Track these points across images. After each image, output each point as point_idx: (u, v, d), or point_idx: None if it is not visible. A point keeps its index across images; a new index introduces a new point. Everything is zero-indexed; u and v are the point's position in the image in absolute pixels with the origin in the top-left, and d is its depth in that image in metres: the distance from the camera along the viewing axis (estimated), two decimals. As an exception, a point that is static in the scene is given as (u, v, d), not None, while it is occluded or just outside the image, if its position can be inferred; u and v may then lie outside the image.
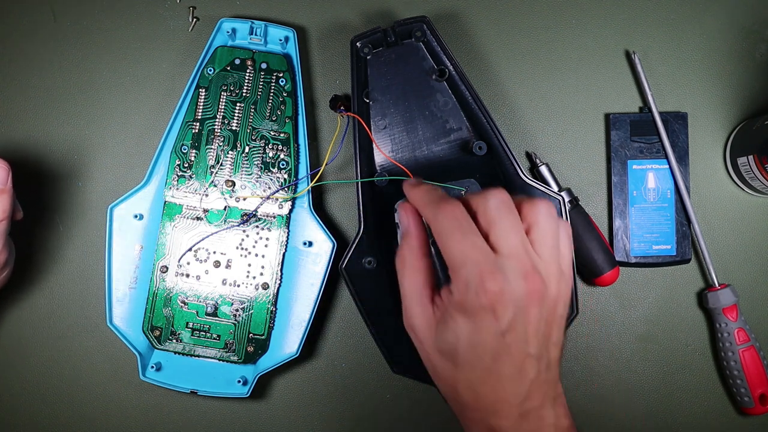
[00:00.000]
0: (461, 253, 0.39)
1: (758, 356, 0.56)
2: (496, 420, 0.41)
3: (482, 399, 0.41)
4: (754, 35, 0.60)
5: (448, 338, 0.40)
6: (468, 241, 0.39)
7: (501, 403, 0.40)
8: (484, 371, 0.40)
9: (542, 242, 0.41)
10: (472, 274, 0.39)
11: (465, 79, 0.54)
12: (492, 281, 0.38)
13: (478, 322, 0.39)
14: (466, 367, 0.40)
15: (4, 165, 0.48)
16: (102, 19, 0.59)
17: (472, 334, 0.39)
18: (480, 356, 0.40)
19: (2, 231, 0.49)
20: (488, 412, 0.41)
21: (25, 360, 0.59)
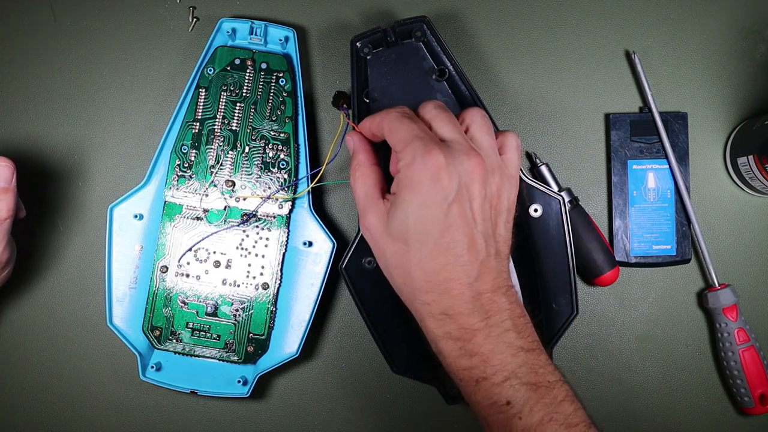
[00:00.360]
0: (407, 133, 0.43)
1: (758, 356, 0.56)
2: (449, 300, 0.42)
3: (433, 277, 0.42)
4: (754, 35, 0.60)
5: (398, 218, 0.42)
6: (414, 125, 0.43)
7: (452, 282, 0.42)
8: (435, 244, 0.42)
9: (480, 137, 0.45)
10: (417, 147, 0.42)
11: (465, 79, 0.54)
12: (437, 152, 0.41)
13: (424, 193, 0.41)
14: (416, 243, 0.42)
15: (8, 164, 0.49)
16: (102, 19, 0.59)
17: (420, 206, 0.42)
18: (428, 228, 0.42)
19: (6, 229, 0.50)
20: (440, 292, 0.42)
21: (25, 360, 0.59)
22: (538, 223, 0.53)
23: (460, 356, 0.43)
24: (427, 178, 0.41)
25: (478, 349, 0.42)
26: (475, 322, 0.42)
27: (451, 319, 0.42)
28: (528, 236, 0.53)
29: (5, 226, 0.49)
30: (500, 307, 0.43)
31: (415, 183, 0.41)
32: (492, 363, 0.42)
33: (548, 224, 0.53)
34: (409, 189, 0.42)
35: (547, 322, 0.53)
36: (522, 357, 0.42)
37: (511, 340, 0.43)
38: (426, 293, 0.43)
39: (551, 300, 0.53)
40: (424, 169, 0.41)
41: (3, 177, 0.48)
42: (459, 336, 0.42)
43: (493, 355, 0.42)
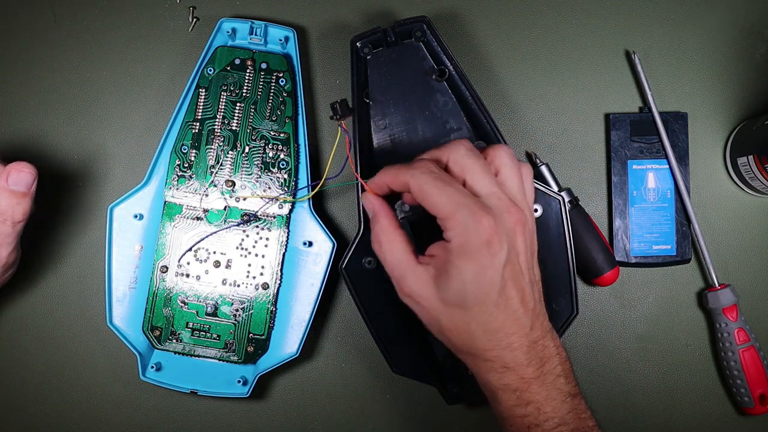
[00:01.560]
0: (449, 200, 0.42)
1: (758, 356, 0.56)
2: (510, 354, 0.43)
3: (495, 335, 0.43)
4: (754, 35, 0.60)
5: (453, 286, 0.42)
6: (451, 188, 0.42)
7: (512, 336, 0.43)
8: (494, 306, 0.42)
9: (510, 182, 0.45)
10: (465, 216, 0.41)
11: (465, 79, 0.54)
12: (486, 217, 0.41)
13: (480, 259, 0.41)
14: (476, 307, 0.42)
15: (32, 170, 0.49)
16: (102, 19, 0.59)
17: (477, 273, 0.42)
18: (487, 293, 0.42)
19: (18, 232, 0.51)
20: (502, 347, 0.43)
21: (25, 360, 0.59)
22: (538, 223, 0.53)
23: (516, 405, 0.44)
24: (481, 245, 0.41)
25: (534, 398, 0.43)
26: (532, 372, 0.43)
27: (511, 371, 0.43)
28: (528, 236, 0.53)
29: (18, 228, 0.50)
30: (551, 352, 0.44)
31: (469, 252, 0.41)
32: (545, 410, 0.44)
33: (548, 224, 0.53)
34: (464, 258, 0.42)
35: (547, 322, 0.53)
36: (569, 403, 0.44)
37: (561, 386, 0.44)
38: (489, 351, 0.43)
39: (551, 300, 0.53)
40: (477, 237, 0.41)
41: (24, 182, 0.49)
42: (517, 387, 0.44)
43: (547, 403, 0.44)
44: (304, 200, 0.55)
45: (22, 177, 0.49)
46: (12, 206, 0.49)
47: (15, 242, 0.51)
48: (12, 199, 0.49)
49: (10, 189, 0.49)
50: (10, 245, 0.51)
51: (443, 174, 0.43)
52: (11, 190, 0.49)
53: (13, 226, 0.50)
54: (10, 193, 0.49)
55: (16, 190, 0.49)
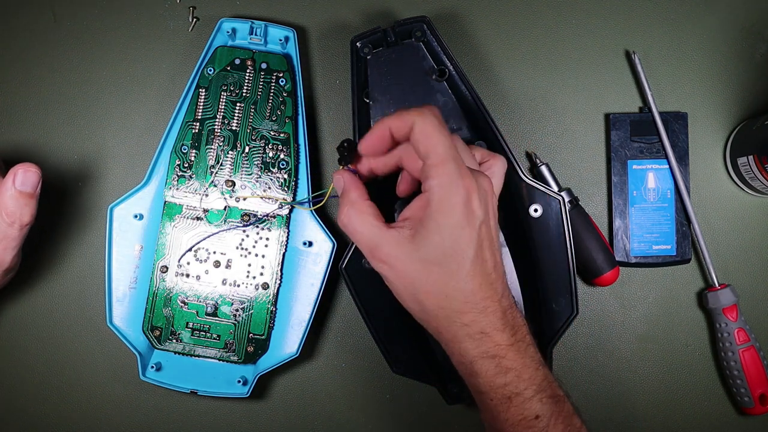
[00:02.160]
0: (447, 148, 0.42)
1: (758, 356, 0.56)
2: (485, 318, 0.43)
3: (472, 297, 0.43)
4: (754, 35, 0.60)
5: (432, 241, 0.42)
6: (451, 142, 0.43)
7: (487, 300, 0.43)
8: (471, 264, 0.42)
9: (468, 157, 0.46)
10: (453, 170, 0.42)
11: (465, 79, 0.54)
12: (469, 176, 0.42)
13: (459, 215, 0.42)
14: (454, 263, 0.42)
15: (37, 170, 0.49)
16: (102, 19, 0.59)
17: (456, 228, 0.42)
18: (465, 249, 0.42)
19: (24, 234, 0.50)
20: (479, 311, 0.43)
21: (25, 360, 0.59)
22: (538, 223, 0.53)
23: (496, 374, 0.43)
24: (461, 201, 0.42)
25: (512, 365, 0.43)
26: (507, 338, 0.43)
27: (488, 337, 0.43)
28: (528, 236, 0.53)
29: (25, 231, 0.50)
30: (519, 321, 0.44)
31: (449, 206, 0.42)
32: (523, 378, 0.43)
33: (548, 224, 0.53)
34: (443, 212, 0.42)
35: (547, 322, 0.53)
36: (542, 371, 0.44)
37: (532, 354, 0.44)
38: (465, 314, 0.43)
39: (551, 300, 0.53)
40: (458, 193, 0.42)
41: (30, 183, 0.49)
42: (495, 353, 0.43)
43: (524, 370, 0.43)
44: (311, 208, 0.55)
45: (29, 177, 0.49)
46: (20, 208, 0.49)
47: (20, 246, 0.51)
48: (20, 201, 0.49)
49: (18, 190, 0.48)
50: (15, 249, 0.50)
51: (444, 124, 0.44)
52: (19, 191, 0.48)
53: (21, 229, 0.50)
54: (18, 194, 0.48)
55: (23, 191, 0.49)
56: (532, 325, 0.46)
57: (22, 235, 0.50)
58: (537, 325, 0.53)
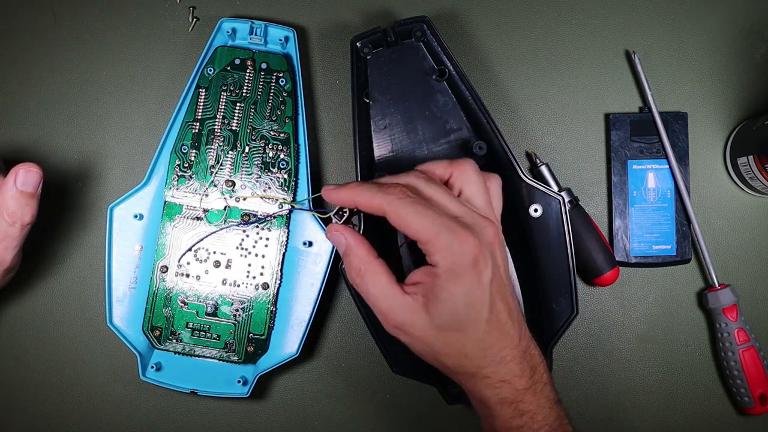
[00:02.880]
0: (431, 223, 0.42)
1: (758, 356, 0.56)
2: (506, 367, 0.43)
3: (489, 353, 0.43)
4: (754, 35, 0.60)
5: (446, 310, 0.42)
6: (431, 212, 0.42)
7: (505, 350, 0.43)
8: (486, 323, 0.42)
9: (475, 198, 0.45)
10: (449, 237, 0.41)
11: (465, 79, 0.54)
12: (469, 236, 0.41)
13: (469, 280, 0.42)
14: (470, 327, 0.42)
15: (38, 170, 0.49)
16: (102, 19, 0.59)
17: (467, 293, 0.42)
18: (479, 311, 0.42)
19: (25, 234, 0.50)
20: (497, 362, 0.43)
21: (26, 360, 0.59)
22: (538, 223, 0.53)
23: (513, 417, 0.44)
24: (468, 265, 0.41)
25: (528, 407, 0.44)
26: (525, 382, 0.44)
27: (507, 384, 0.44)
28: (528, 236, 0.53)
29: (26, 231, 0.50)
30: (537, 360, 0.45)
31: (458, 273, 0.41)
32: (537, 419, 0.44)
33: (548, 224, 0.53)
34: (453, 280, 0.42)
35: (547, 322, 0.53)
36: (555, 410, 0.45)
37: (548, 394, 0.45)
38: (485, 368, 0.43)
39: (551, 300, 0.53)
40: (463, 258, 0.41)
41: (31, 183, 0.49)
42: (513, 399, 0.44)
43: (539, 411, 0.44)
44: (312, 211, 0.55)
45: (30, 177, 0.49)
46: (21, 207, 0.49)
47: (20, 245, 0.51)
48: (21, 201, 0.48)
49: (20, 190, 0.48)
50: (15, 248, 0.50)
51: (418, 198, 0.43)
52: (21, 191, 0.48)
53: (22, 229, 0.49)
54: (20, 194, 0.48)
55: (25, 191, 0.48)
56: (532, 327, 0.47)
57: (23, 234, 0.50)
58: (537, 325, 0.53)
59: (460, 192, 0.46)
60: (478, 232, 0.42)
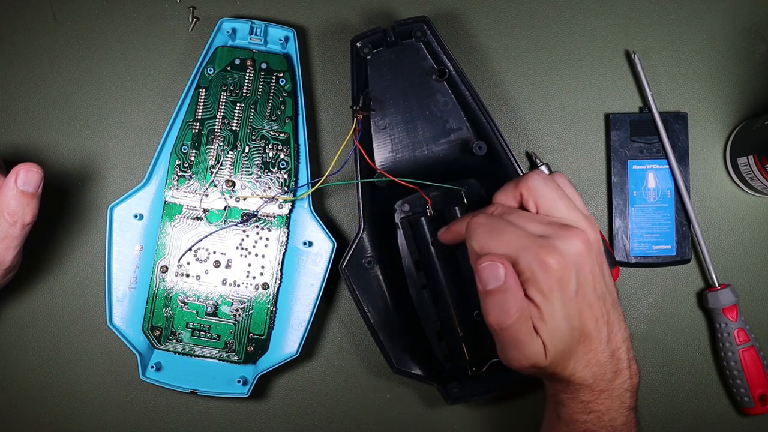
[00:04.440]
0: (508, 247, 0.41)
1: (758, 356, 0.56)
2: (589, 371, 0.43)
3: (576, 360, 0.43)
4: (754, 35, 0.60)
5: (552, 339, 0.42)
6: (507, 234, 0.42)
7: (590, 353, 0.43)
8: (576, 333, 0.42)
9: (555, 207, 0.44)
10: (529, 259, 0.41)
11: (465, 79, 0.54)
12: (549, 256, 0.40)
13: (557, 298, 0.41)
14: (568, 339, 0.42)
15: (39, 170, 0.49)
16: (102, 19, 0.59)
17: (560, 311, 0.41)
18: (572, 323, 0.42)
19: (25, 234, 0.50)
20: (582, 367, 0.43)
21: (25, 360, 0.59)
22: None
23: (580, 412, 0.44)
24: (553, 286, 0.41)
25: (598, 408, 0.44)
26: (603, 385, 0.44)
27: (586, 387, 0.44)
28: (528, 236, 0.53)
29: (26, 231, 0.50)
30: (623, 365, 0.45)
31: (545, 294, 0.41)
32: (603, 419, 0.44)
33: (548, 224, 0.53)
34: (546, 305, 0.41)
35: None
36: (626, 416, 0.45)
37: (625, 399, 0.45)
38: (572, 375, 0.43)
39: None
40: (547, 280, 0.41)
41: (32, 183, 0.49)
42: (587, 398, 0.44)
43: (607, 413, 0.44)
44: (303, 197, 0.55)
45: (30, 177, 0.48)
46: (22, 207, 0.49)
47: (21, 245, 0.51)
48: (22, 200, 0.48)
49: (21, 190, 0.48)
50: (16, 248, 0.50)
51: (494, 220, 0.43)
52: (21, 191, 0.48)
53: (22, 229, 0.49)
54: (21, 194, 0.48)
55: (25, 191, 0.48)
56: None
57: (24, 234, 0.50)
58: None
59: (537, 208, 0.44)
60: (559, 246, 0.41)
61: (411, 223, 0.55)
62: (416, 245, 0.55)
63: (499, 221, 0.43)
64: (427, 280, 0.55)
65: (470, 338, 0.55)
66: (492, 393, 0.54)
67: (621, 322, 0.45)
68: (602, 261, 0.44)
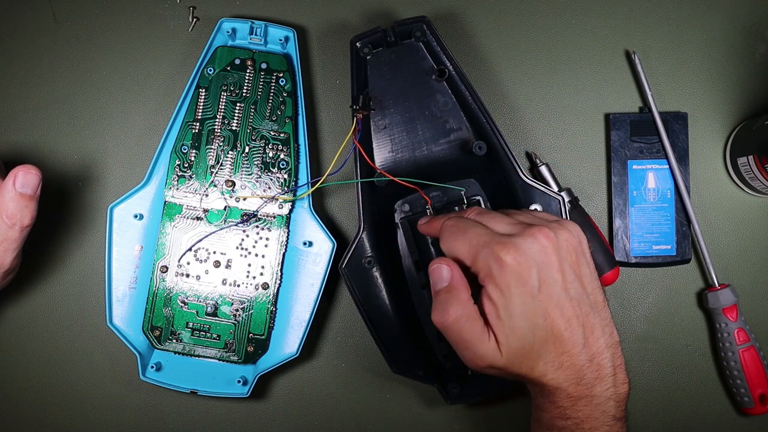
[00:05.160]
0: (468, 245, 0.42)
1: (758, 356, 0.56)
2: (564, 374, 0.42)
3: (547, 361, 0.42)
4: (754, 35, 0.60)
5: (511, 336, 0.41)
6: (470, 233, 0.42)
7: (563, 356, 0.42)
8: (542, 331, 0.42)
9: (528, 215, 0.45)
10: (486, 256, 0.41)
11: (465, 79, 0.54)
12: (505, 251, 0.41)
13: (516, 295, 0.41)
14: (529, 338, 0.42)
15: (37, 172, 0.49)
16: (102, 19, 0.59)
17: (519, 307, 0.41)
18: (534, 321, 0.41)
19: (24, 237, 0.50)
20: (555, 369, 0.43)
21: (25, 360, 0.59)
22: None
23: (558, 417, 0.44)
24: (510, 281, 0.41)
25: (576, 415, 0.43)
26: (582, 390, 0.43)
27: (561, 390, 0.43)
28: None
29: (25, 233, 0.50)
30: (605, 372, 0.43)
31: (503, 290, 0.41)
32: (583, 428, 0.43)
33: (548, 224, 0.53)
34: (505, 302, 0.41)
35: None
36: (610, 426, 0.44)
37: (607, 408, 0.44)
38: (543, 376, 0.43)
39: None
40: (504, 275, 0.41)
41: (30, 185, 0.48)
42: (563, 404, 0.43)
43: (587, 421, 0.43)
44: (303, 197, 0.55)
45: (29, 179, 0.48)
46: (21, 210, 0.48)
47: (20, 247, 0.51)
48: (20, 203, 0.48)
49: (19, 192, 0.48)
50: (15, 251, 0.50)
51: (463, 221, 0.43)
52: (20, 193, 0.48)
53: (21, 231, 0.49)
54: (19, 196, 0.48)
55: (24, 193, 0.48)
56: None
57: (22, 236, 0.50)
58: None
59: None
60: (519, 243, 0.41)
61: (411, 223, 0.55)
62: (416, 245, 0.55)
63: (467, 222, 0.43)
64: (427, 280, 0.55)
65: (470, 338, 0.55)
66: (492, 393, 0.54)
67: (605, 327, 0.44)
68: (580, 263, 0.44)
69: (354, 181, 0.54)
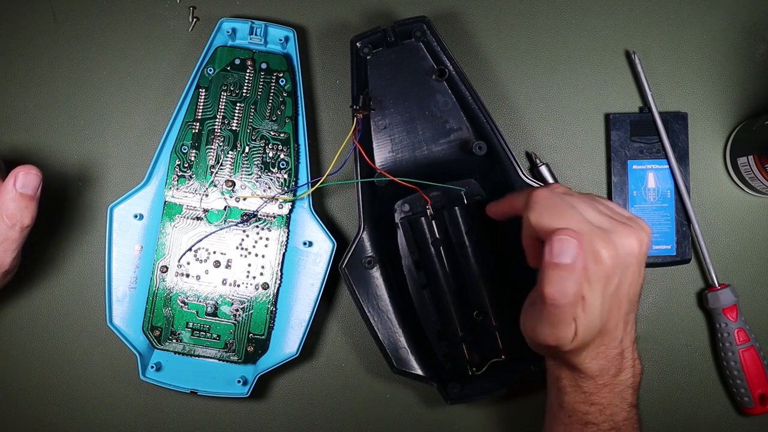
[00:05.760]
0: (567, 226, 0.41)
1: (758, 356, 0.56)
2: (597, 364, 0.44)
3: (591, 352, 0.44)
4: (754, 35, 0.60)
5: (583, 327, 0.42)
6: (568, 215, 0.42)
7: (603, 347, 0.44)
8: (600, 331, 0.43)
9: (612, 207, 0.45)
10: (584, 248, 0.40)
11: (465, 79, 0.54)
12: (602, 246, 0.41)
13: (599, 292, 0.41)
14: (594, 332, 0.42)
15: (37, 172, 0.49)
16: (102, 19, 0.59)
17: (599, 305, 0.41)
18: (602, 317, 0.42)
19: (24, 237, 0.50)
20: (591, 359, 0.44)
21: (26, 360, 0.59)
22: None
23: (582, 402, 0.45)
24: (602, 278, 0.41)
25: (600, 401, 0.45)
26: (607, 379, 0.45)
27: (590, 378, 0.45)
28: (528, 236, 0.53)
29: (25, 234, 0.50)
30: (627, 363, 0.46)
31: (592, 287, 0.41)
32: (605, 413, 0.45)
33: (548, 224, 0.53)
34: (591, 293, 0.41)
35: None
36: (627, 412, 0.46)
37: (626, 396, 0.46)
38: (581, 363, 0.44)
39: (551, 300, 0.53)
40: (598, 272, 0.41)
41: (31, 185, 0.49)
42: (589, 390, 0.45)
43: (609, 407, 0.45)
44: (303, 197, 0.55)
45: (30, 179, 0.48)
46: (21, 210, 0.48)
47: (19, 248, 0.51)
48: (21, 203, 0.48)
49: (20, 192, 0.48)
50: (15, 251, 0.50)
51: (558, 198, 0.43)
52: (20, 193, 0.48)
53: (21, 231, 0.49)
54: (20, 197, 0.48)
55: (24, 194, 0.48)
56: None
57: (22, 237, 0.50)
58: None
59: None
60: (616, 241, 0.41)
61: (411, 223, 0.55)
62: (416, 245, 0.55)
63: (563, 201, 0.42)
64: (427, 280, 0.55)
65: (470, 338, 0.55)
66: (492, 393, 0.54)
67: (635, 324, 0.46)
68: (644, 266, 0.44)
69: (354, 181, 0.54)
